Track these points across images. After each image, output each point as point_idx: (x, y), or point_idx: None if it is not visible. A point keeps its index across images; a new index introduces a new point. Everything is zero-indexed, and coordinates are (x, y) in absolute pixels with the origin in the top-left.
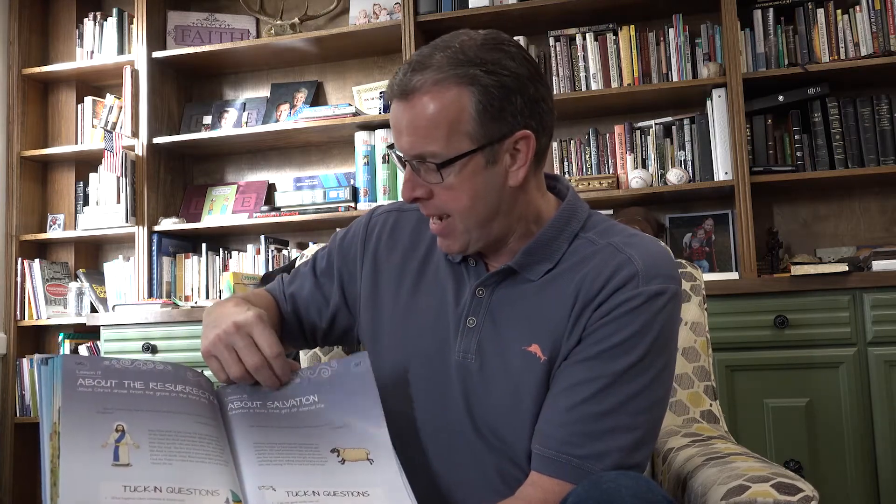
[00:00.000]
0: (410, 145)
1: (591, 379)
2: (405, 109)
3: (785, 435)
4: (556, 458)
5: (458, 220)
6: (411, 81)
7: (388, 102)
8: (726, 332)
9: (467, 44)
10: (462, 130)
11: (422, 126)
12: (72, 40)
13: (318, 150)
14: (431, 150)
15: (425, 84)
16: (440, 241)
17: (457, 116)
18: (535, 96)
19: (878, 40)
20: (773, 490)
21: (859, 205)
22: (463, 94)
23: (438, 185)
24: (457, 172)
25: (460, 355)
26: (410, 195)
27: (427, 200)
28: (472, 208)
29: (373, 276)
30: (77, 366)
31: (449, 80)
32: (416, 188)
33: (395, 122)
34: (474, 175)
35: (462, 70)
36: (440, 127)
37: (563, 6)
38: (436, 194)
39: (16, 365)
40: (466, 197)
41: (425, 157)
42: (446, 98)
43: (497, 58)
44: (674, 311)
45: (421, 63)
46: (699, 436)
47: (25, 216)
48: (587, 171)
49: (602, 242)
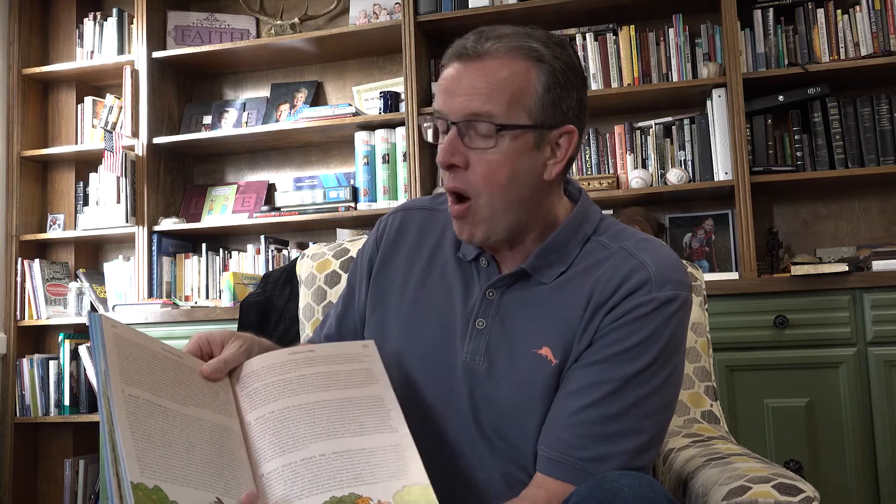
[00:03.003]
0: (467, 105)
1: (600, 382)
2: (469, 70)
3: (785, 435)
4: (562, 459)
5: (485, 202)
6: (484, 45)
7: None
8: (726, 332)
9: (536, 31)
10: (523, 103)
11: (485, 88)
12: (72, 40)
13: (318, 150)
14: (489, 112)
15: (499, 50)
16: (459, 225)
17: (523, 87)
18: (584, 101)
19: (878, 40)
20: (774, 491)
21: (859, 205)
22: (532, 70)
23: (480, 155)
24: (507, 144)
25: (468, 357)
26: (448, 159)
27: (461, 172)
28: (505, 189)
29: (379, 276)
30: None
31: (524, 51)
32: (456, 154)
33: (450, 83)
34: (520, 154)
35: (537, 46)
36: (504, 92)
37: (563, 6)
38: (473, 165)
39: (16, 365)
40: (504, 175)
41: (482, 117)
42: (517, 67)
43: (564, 52)
44: (684, 317)
45: (495, 31)
46: (700, 436)
47: (25, 216)
48: (587, 171)
49: (614, 246)
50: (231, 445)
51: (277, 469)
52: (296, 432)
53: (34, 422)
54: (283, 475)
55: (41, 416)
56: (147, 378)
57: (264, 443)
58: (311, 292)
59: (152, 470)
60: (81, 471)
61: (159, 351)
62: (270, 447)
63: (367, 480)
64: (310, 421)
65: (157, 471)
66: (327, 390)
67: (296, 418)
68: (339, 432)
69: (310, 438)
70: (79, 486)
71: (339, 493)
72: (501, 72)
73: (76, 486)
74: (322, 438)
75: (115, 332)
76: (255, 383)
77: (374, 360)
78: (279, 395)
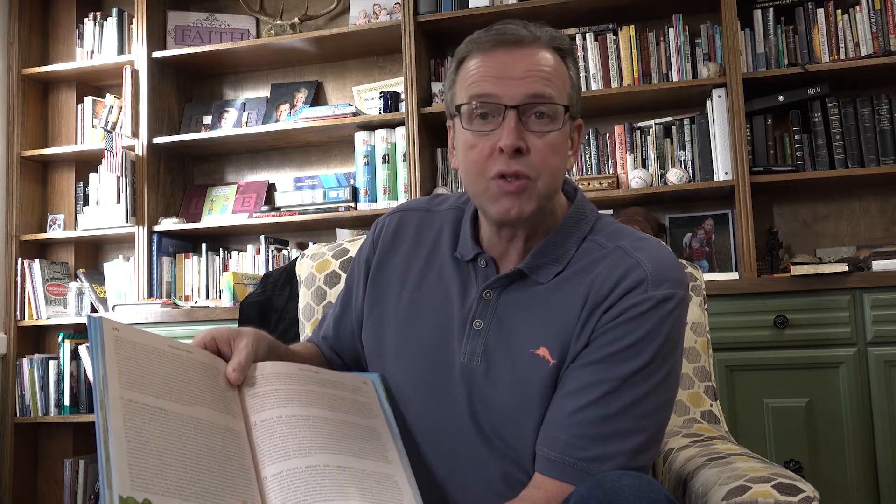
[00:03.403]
0: (531, 87)
1: (598, 382)
2: (522, 55)
3: (785, 435)
4: (561, 460)
5: (543, 183)
6: (529, 32)
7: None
8: (726, 332)
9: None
10: (567, 91)
11: (545, 71)
12: (72, 40)
13: (318, 150)
14: (552, 94)
15: (542, 39)
16: (511, 201)
17: (565, 76)
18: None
19: (878, 40)
20: (774, 490)
21: (859, 205)
22: (564, 61)
23: (540, 139)
24: (565, 126)
25: (465, 357)
26: (516, 143)
27: (523, 156)
28: (558, 172)
29: (376, 277)
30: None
31: (556, 41)
32: (521, 138)
33: (503, 67)
34: (565, 139)
35: (564, 46)
36: (558, 77)
37: (563, 6)
38: (534, 150)
39: (16, 365)
40: (558, 157)
41: (545, 98)
42: (557, 58)
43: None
44: (681, 316)
45: (525, 23)
46: (700, 436)
47: (25, 216)
48: (587, 171)
49: (611, 245)
50: (234, 449)
51: (281, 473)
52: (302, 440)
53: (34, 422)
54: (286, 479)
55: (41, 416)
56: (149, 380)
57: (269, 445)
58: (310, 292)
59: (143, 482)
60: (81, 471)
61: (166, 349)
62: (276, 450)
63: (369, 498)
64: (316, 433)
65: (148, 483)
66: (332, 410)
67: (302, 427)
68: (342, 449)
69: (315, 449)
70: (79, 486)
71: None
72: (551, 58)
73: (76, 486)
74: (326, 451)
75: (117, 335)
76: (265, 387)
77: (371, 398)
78: (288, 402)
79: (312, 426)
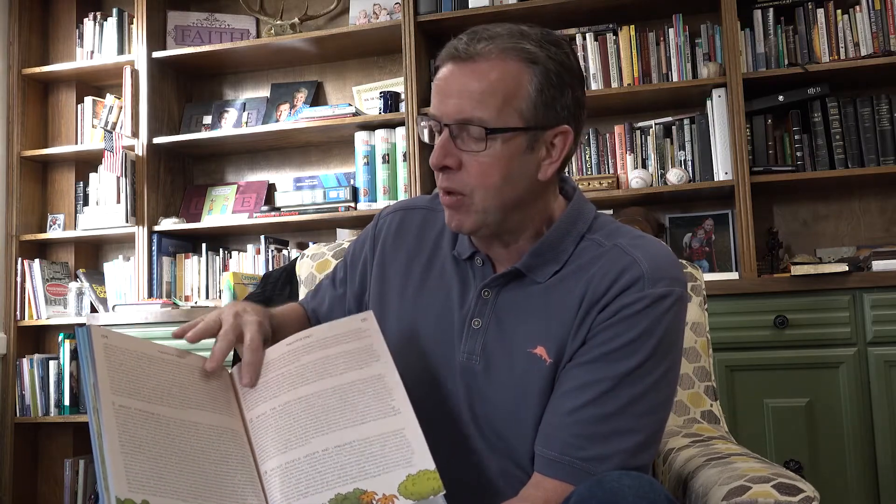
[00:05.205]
0: (458, 108)
1: (595, 381)
2: (461, 73)
3: (785, 435)
4: (560, 459)
5: (479, 199)
6: (476, 46)
7: (438, 65)
8: (726, 332)
9: (531, 30)
10: (515, 106)
11: (477, 91)
12: (72, 40)
13: (318, 150)
14: (480, 116)
15: (491, 52)
16: (450, 215)
17: (514, 90)
18: (580, 99)
19: (878, 40)
20: (774, 490)
21: (859, 205)
22: (525, 71)
23: (473, 157)
24: (498, 146)
25: (464, 356)
26: (441, 161)
27: (454, 173)
28: (499, 189)
29: (380, 276)
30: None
31: (516, 52)
32: (448, 156)
33: (443, 85)
34: (512, 156)
35: (529, 48)
36: (496, 95)
37: (563, 6)
38: (466, 167)
39: (16, 365)
40: (498, 175)
41: (473, 122)
42: (509, 69)
43: (559, 50)
44: (679, 313)
45: (487, 32)
46: (700, 436)
47: (25, 216)
48: (587, 171)
49: (608, 244)
50: (233, 448)
51: (281, 466)
52: (297, 428)
53: (34, 422)
54: (286, 473)
55: (41, 416)
56: (140, 386)
57: (266, 440)
58: None
59: (140, 483)
60: (81, 471)
61: (156, 354)
62: (273, 444)
63: (371, 473)
64: (311, 414)
65: (145, 484)
66: (327, 378)
67: (297, 413)
68: (340, 423)
69: (312, 433)
70: (79, 486)
71: (344, 489)
72: (492, 74)
73: (76, 486)
74: (324, 432)
75: (106, 343)
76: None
77: (373, 334)
78: (279, 390)
79: (307, 407)
